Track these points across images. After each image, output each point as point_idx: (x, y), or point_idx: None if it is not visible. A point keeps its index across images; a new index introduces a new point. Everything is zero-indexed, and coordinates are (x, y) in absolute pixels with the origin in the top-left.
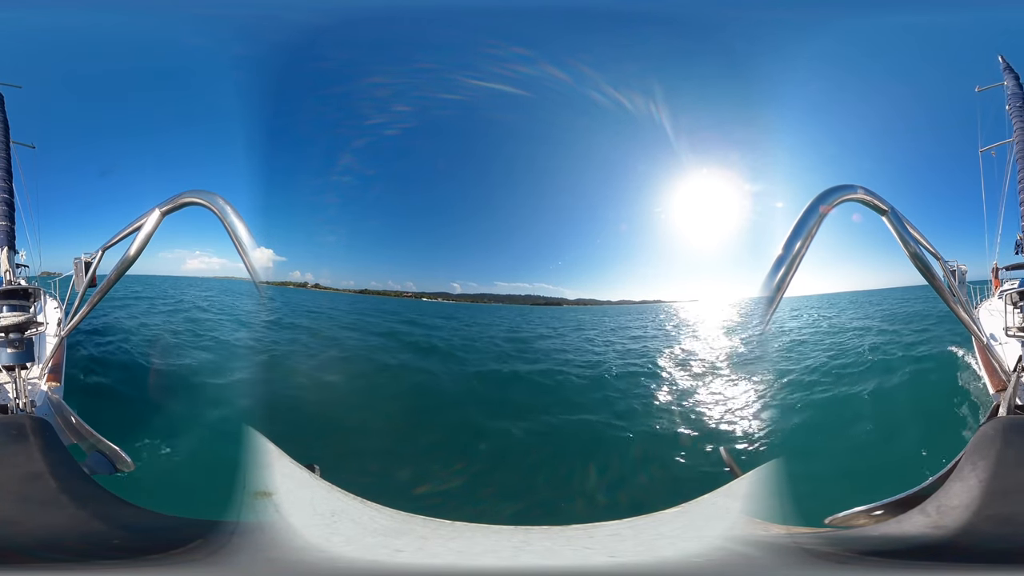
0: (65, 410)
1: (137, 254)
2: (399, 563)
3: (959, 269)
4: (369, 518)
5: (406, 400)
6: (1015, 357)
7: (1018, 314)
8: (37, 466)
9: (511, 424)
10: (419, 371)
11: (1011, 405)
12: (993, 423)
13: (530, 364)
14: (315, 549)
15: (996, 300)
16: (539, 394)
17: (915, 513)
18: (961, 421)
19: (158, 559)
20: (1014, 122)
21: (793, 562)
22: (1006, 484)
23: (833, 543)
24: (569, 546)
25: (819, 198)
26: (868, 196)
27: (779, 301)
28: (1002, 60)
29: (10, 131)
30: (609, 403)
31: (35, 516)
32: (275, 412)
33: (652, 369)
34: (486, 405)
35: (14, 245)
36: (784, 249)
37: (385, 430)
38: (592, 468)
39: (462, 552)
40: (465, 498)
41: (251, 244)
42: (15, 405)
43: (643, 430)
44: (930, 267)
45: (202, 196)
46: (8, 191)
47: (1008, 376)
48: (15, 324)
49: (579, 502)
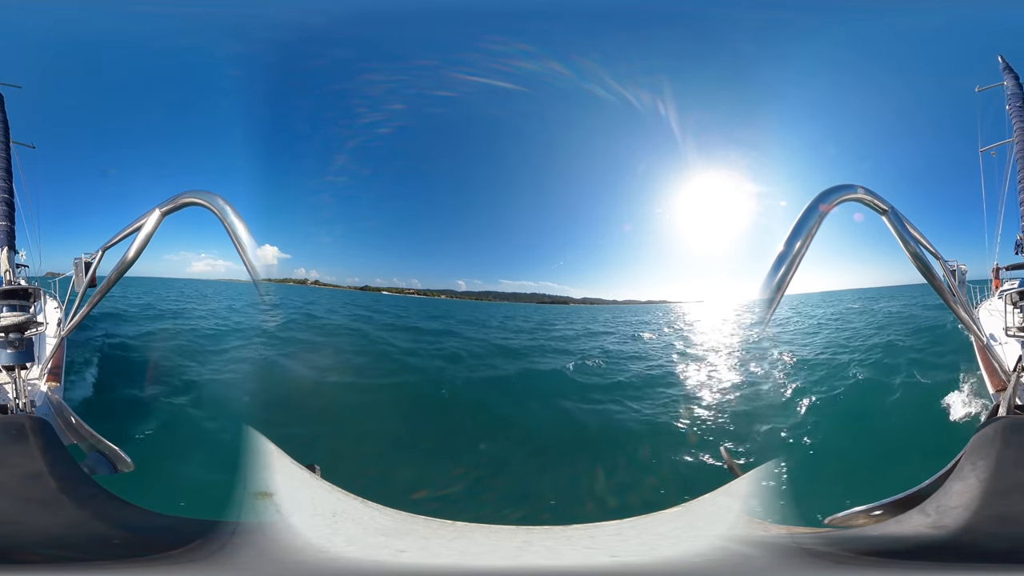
0: (65, 410)
1: (137, 254)
2: (401, 563)
3: (959, 269)
4: (370, 518)
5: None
6: (1015, 357)
7: (1018, 314)
8: (37, 466)
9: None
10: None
11: (1011, 405)
12: (993, 423)
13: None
14: (316, 549)
15: (996, 300)
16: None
17: (915, 513)
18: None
19: (158, 559)
20: (1014, 122)
21: (793, 562)
22: (1006, 484)
23: (833, 543)
24: (571, 546)
25: (819, 198)
26: (868, 196)
27: (780, 300)
28: (1002, 60)
29: (10, 131)
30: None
31: (35, 516)
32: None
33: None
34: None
35: (14, 245)
36: (784, 248)
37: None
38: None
39: (464, 552)
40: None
41: (251, 244)
42: (15, 405)
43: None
44: (930, 267)
45: (202, 196)
46: (8, 191)
47: (1008, 376)
48: (15, 324)
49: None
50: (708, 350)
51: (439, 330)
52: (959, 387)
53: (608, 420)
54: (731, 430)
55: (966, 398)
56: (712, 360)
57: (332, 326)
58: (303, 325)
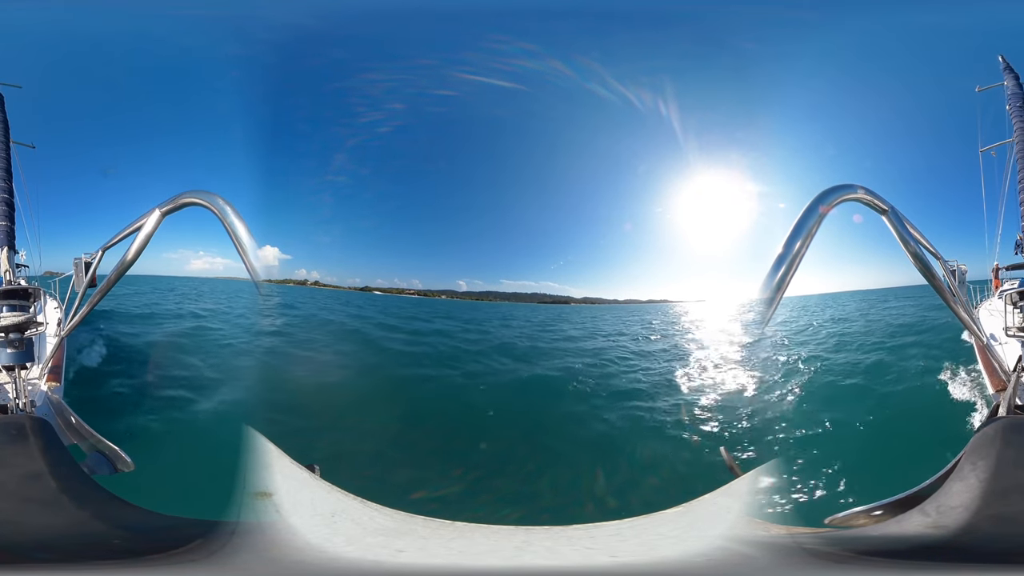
0: (65, 410)
1: (137, 254)
2: (400, 563)
3: (959, 269)
4: (370, 518)
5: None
6: (1015, 357)
7: (1018, 314)
8: (37, 466)
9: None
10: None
11: (1011, 405)
12: (993, 423)
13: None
14: (315, 549)
15: (996, 300)
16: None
17: (915, 513)
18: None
19: (158, 559)
20: (1014, 122)
21: (793, 562)
22: (1006, 484)
23: (833, 543)
24: (570, 546)
25: (819, 198)
26: (868, 196)
27: (779, 300)
28: (1002, 60)
29: (10, 131)
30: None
31: (35, 516)
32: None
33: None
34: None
35: (14, 245)
36: (784, 248)
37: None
38: None
39: (463, 552)
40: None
41: (251, 244)
42: (15, 405)
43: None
44: (930, 267)
45: (202, 196)
46: (8, 191)
47: (1008, 376)
48: (15, 324)
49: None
50: (710, 350)
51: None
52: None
53: (609, 420)
54: (732, 430)
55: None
56: (712, 360)
57: (332, 327)
58: (303, 325)
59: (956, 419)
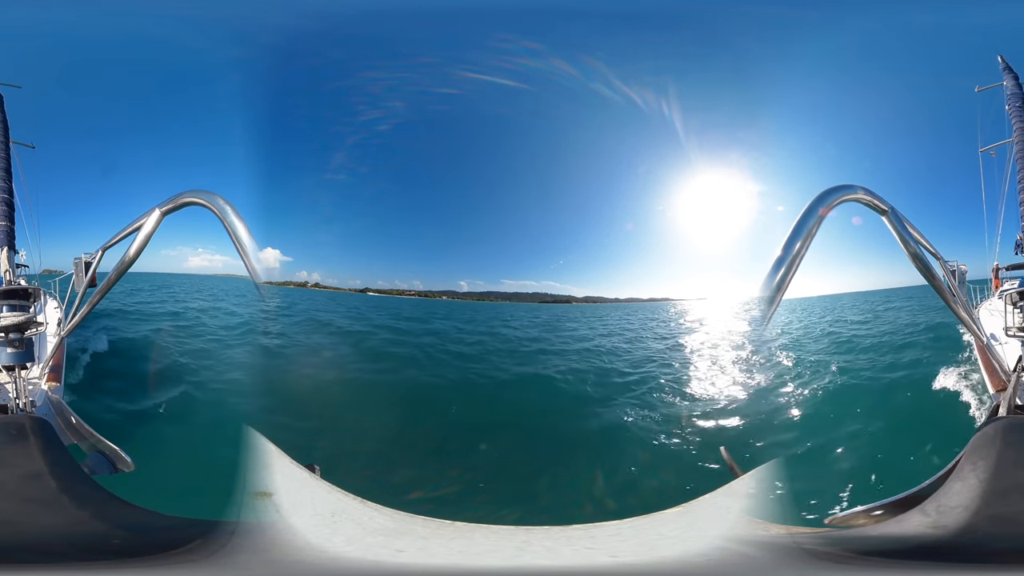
0: (65, 410)
1: (137, 254)
2: (400, 563)
3: (959, 269)
4: (369, 518)
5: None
6: (1015, 357)
7: (1018, 314)
8: (37, 466)
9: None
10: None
11: (1011, 405)
12: (993, 423)
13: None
14: (315, 549)
15: (996, 300)
16: None
17: (915, 513)
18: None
19: (158, 559)
20: (1014, 122)
21: (793, 562)
22: (1006, 484)
23: (833, 543)
24: (570, 546)
25: (819, 198)
26: (868, 196)
27: (779, 301)
28: (1002, 60)
29: (10, 131)
30: None
31: (35, 516)
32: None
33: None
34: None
35: (14, 245)
36: (784, 249)
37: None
38: None
39: (463, 552)
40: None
41: (251, 244)
42: (15, 405)
43: None
44: (930, 267)
45: (202, 196)
46: (8, 191)
47: (1008, 376)
48: (15, 324)
49: None
50: (711, 348)
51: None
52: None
53: (608, 421)
54: (732, 431)
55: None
56: (712, 359)
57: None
58: (303, 326)
59: (956, 419)
